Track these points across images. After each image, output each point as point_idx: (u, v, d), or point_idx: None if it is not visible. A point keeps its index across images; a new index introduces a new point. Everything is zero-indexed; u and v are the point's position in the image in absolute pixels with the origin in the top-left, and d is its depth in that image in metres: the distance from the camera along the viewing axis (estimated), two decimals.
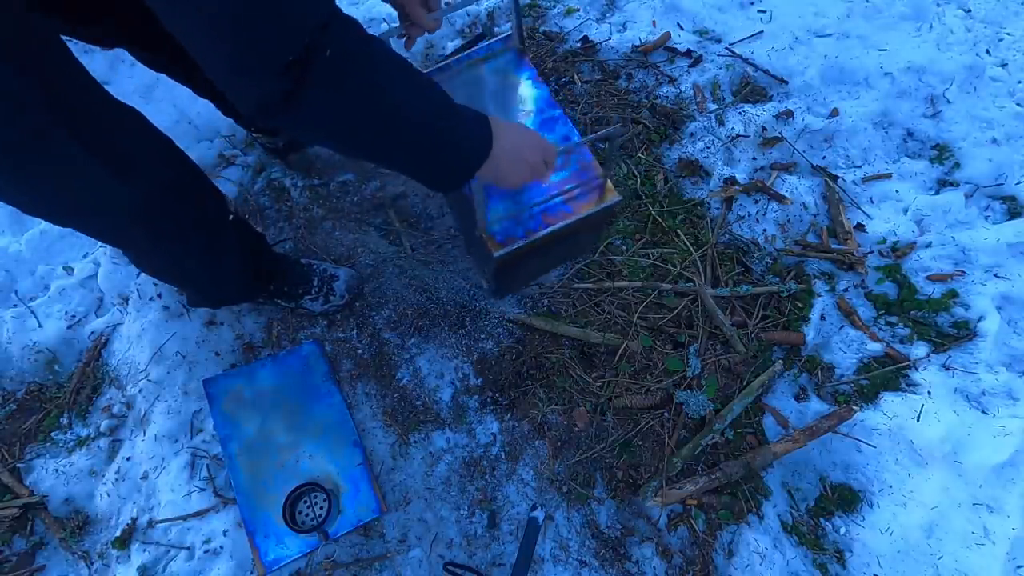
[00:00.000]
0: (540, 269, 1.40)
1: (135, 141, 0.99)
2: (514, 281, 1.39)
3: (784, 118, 1.99)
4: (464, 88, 1.23)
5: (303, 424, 1.42)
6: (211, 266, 1.29)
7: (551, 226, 1.11)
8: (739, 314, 1.63)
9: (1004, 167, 1.94)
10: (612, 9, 2.37)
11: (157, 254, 1.21)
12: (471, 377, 1.52)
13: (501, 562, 1.32)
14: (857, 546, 1.36)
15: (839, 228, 1.82)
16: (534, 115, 1.19)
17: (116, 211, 1.00)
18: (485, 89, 1.23)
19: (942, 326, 1.65)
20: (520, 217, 1.12)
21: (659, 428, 1.46)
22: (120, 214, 1.01)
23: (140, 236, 1.10)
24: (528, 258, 1.19)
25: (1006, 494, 1.36)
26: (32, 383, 1.52)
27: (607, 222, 1.28)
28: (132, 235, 1.10)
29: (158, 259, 1.24)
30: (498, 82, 1.24)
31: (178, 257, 1.22)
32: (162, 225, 1.09)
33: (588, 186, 1.15)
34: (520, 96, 1.22)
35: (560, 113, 1.18)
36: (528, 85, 1.23)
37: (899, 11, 2.33)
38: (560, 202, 1.12)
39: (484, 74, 1.23)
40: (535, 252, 1.18)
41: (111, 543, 1.32)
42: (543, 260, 1.31)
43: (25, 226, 1.71)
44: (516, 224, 1.11)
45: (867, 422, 1.48)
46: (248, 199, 1.76)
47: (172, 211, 1.09)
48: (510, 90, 1.22)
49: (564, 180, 1.15)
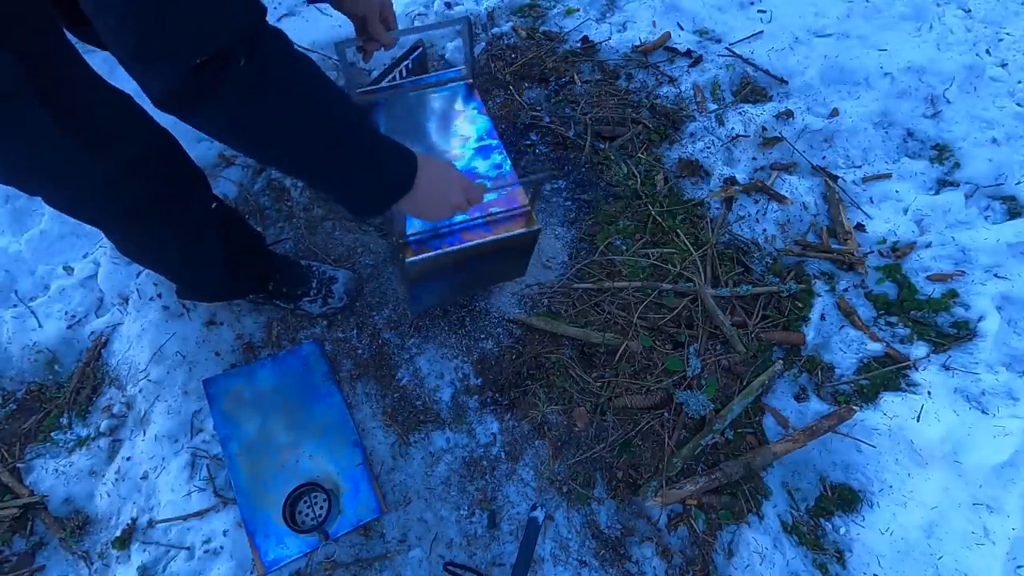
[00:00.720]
0: (459, 288, 1.43)
1: (114, 119, 0.99)
2: (430, 295, 1.41)
3: (784, 118, 1.99)
4: (412, 111, 1.31)
5: (303, 424, 1.42)
6: (190, 253, 1.27)
7: (467, 242, 1.17)
8: (739, 314, 1.63)
9: (1004, 167, 1.94)
10: (612, 9, 2.37)
11: (134, 237, 1.21)
12: (471, 377, 1.52)
13: (501, 562, 1.32)
14: (857, 546, 1.36)
15: (839, 228, 1.82)
16: (474, 141, 1.27)
17: (85, 184, 1.00)
18: (432, 114, 1.31)
19: (942, 326, 1.65)
20: (439, 231, 1.17)
21: (659, 428, 1.46)
22: (89, 188, 1.01)
23: (112, 213, 1.10)
24: (444, 273, 1.25)
25: (1006, 494, 1.36)
26: (32, 383, 1.52)
27: (527, 250, 1.35)
28: (104, 212, 1.10)
29: (136, 242, 1.23)
30: (445, 108, 1.32)
31: (155, 241, 1.21)
32: (135, 204, 1.09)
33: (512, 213, 1.21)
34: (463, 124, 1.30)
35: (498, 143, 1.26)
36: (473, 115, 1.32)
37: (899, 11, 2.33)
38: (482, 223, 1.19)
39: (433, 100, 1.32)
40: (451, 268, 1.23)
41: (111, 543, 1.32)
42: (462, 278, 1.34)
43: (25, 226, 1.71)
44: (434, 237, 1.17)
45: (867, 422, 1.48)
46: (248, 199, 1.76)
47: (145, 190, 1.08)
48: (455, 117, 1.31)
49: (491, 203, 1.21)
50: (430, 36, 2.17)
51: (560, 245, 1.74)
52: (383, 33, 1.12)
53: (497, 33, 2.22)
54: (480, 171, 1.25)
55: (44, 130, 0.87)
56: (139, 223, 1.14)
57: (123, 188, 1.05)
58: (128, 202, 1.08)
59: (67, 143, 0.90)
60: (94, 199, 1.05)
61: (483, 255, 1.23)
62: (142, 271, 1.58)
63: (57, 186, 1.00)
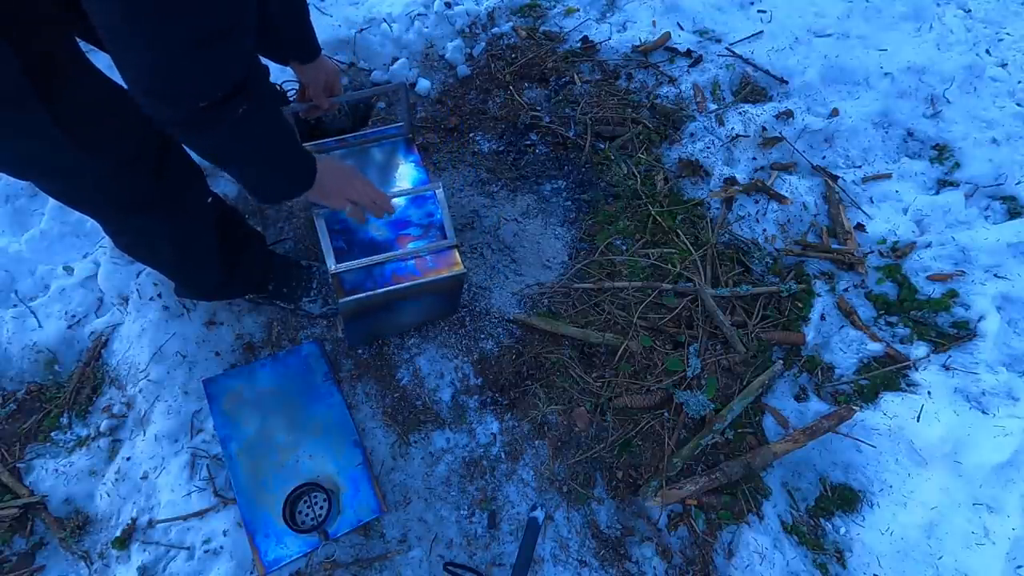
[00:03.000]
0: (392, 325, 1.51)
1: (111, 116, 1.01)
2: (365, 330, 1.48)
3: (784, 118, 1.99)
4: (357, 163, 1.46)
5: (303, 424, 1.42)
6: (186, 248, 1.28)
7: (396, 284, 1.28)
8: (739, 314, 1.63)
9: (1004, 167, 1.94)
10: (612, 9, 2.37)
11: (129, 231, 1.22)
12: (471, 377, 1.52)
13: (501, 562, 1.32)
14: (857, 546, 1.36)
15: (839, 228, 1.82)
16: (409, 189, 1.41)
17: (79, 179, 1.02)
18: (374, 165, 1.47)
19: (942, 326, 1.65)
20: (371, 271, 1.29)
21: (659, 428, 1.46)
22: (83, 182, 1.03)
23: (107, 206, 1.12)
24: (376, 312, 1.35)
25: (1006, 494, 1.36)
26: (32, 383, 1.52)
27: (455, 293, 1.46)
28: (99, 205, 1.12)
29: (132, 236, 1.24)
30: (385, 161, 1.48)
31: (151, 235, 1.22)
32: (130, 197, 1.10)
33: (439, 254, 1.33)
34: (401, 175, 1.45)
35: (432, 195, 1.40)
36: (411, 168, 1.46)
37: (899, 11, 2.33)
38: (412, 265, 1.31)
39: (374, 153, 1.48)
40: (383, 307, 1.34)
41: (111, 543, 1.32)
42: (393, 316, 1.44)
43: (25, 226, 1.71)
44: (367, 277, 1.28)
45: (867, 422, 1.48)
46: (248, 199, 1.76)
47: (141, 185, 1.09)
48: (394, 169, 1.46)
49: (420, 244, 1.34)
50: (430, 36, 2.17)
51: (560, 245, 1.74)
52: (323, 100, 1.38)
53: (497, 33, 2.22)
54: (413, 219, 1.38)
55: (41, 127, 0.88)
56: (134, 216, 1.14)
57: (118, 182, 1.06)
58: (123, 196, 1.09)
59: (64, 141, 0.91)
60: (88, 192, 1.06)
61: (412, 296, 1.34)
62: (142, 271, 1.58)
63: (52, 179, 1.02)
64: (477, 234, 1.74)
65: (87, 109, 0.94)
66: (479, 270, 1.67)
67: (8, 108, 0.84)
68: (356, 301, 1.27)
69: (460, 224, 1.75)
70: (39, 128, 0.88)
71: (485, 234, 1.74)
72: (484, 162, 1.90)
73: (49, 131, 0.88)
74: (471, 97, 2.06)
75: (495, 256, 1.71)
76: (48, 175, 1.01)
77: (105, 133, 0.98)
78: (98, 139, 0.96)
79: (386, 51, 2.10)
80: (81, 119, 0.92)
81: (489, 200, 1.82)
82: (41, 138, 0.90)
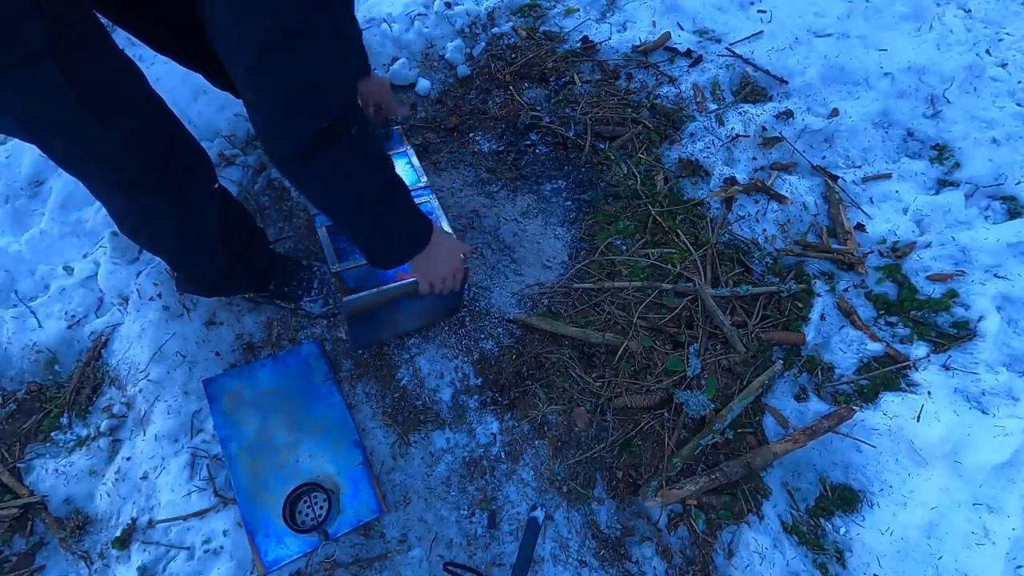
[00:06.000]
0: (396, 325, 1.50)
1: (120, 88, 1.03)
2: (369, 331, 1.48)
3: (784, 118, 1.99)
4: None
5: (303, 424, 1.42)
6: (189, 233, 1.27)
7: (400, 281, 1.31)
8: (739, 314, 1.63)
9: (1004, 167, 1.94)
10: (612, 9, 2.37)
11: (134, 212, 1.22)
12: (471, 377, 1.52)
13: (501, 562, 1.32)
14: (857, 546, 1.36)
15: (839, 228, 1.82)
16: None
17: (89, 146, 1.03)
18: None
19: (942, 326, 1.65)
20: (373, 270, 1.30)
21: (659, 428, 1.46)
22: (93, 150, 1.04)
23: (114, 182, 1.12)
24: (380, 311, 1.37)
25: (1006, 494, 1.36)
26: (32, 383, 1.52)
27: (458, 290, 1.44)
28: (107, 179, 1.12)
29: (136, 217, 1.24)
30: None
31: (155, 217, 1.21)
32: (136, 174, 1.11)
33: None
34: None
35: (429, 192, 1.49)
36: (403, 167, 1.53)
37: (899, 11, 2.33)
38: None
39: None
40: (387, 306, 1.36)
41: (111, 543, 1.32)
42: (398, 316, 1.44)
43: (25, 226, 1.71)
44: (370, 276, 1.31)
45: (867, 422, 1.48)
46: (248, 199, 1.76)
47: (147, 161, 1.10)
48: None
49: None
50: (430, 36, 2.17)
51: (560, 245, 1.74)
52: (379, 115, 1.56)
53: (497, 33, 2.22)
54: None
55: (54, 87, 0.91)
56: (140, 195, 1.15)
57: (126, 156, 1.07)
58: (129, 172, 1.10)
59: (75, 103, 0.94)
60: (98, 163, 1.07)
61: (416, 294, 1.34)
62: (142, 271, 1.58)
63: (67, 141, 1.03)
64: (477, 234, 1.74)
65: (100, 76, 0.97)
66: (479, 270, 1.68)
67: (28, 64, 0.86)
68: (359, 299, 1.28)
69: (460, 224, 1.75)
70: (52, 88, 0.91)
71: (485, 234, 1.74)
72: (484, 162, 1.90)
73: (62, 91, 0.91)
74: (471, 97, 2.07)
75: (495, 256, 1.71)
76: (65, 138, 1.02)
77: (116, 104, 1.01)
78: (109, 109, 0.99)
79: (386, 51, 2.11)
80: (94, 87, 0.96)
81: (489, 200, 1.82)
82: (53, 99, 0.92)
